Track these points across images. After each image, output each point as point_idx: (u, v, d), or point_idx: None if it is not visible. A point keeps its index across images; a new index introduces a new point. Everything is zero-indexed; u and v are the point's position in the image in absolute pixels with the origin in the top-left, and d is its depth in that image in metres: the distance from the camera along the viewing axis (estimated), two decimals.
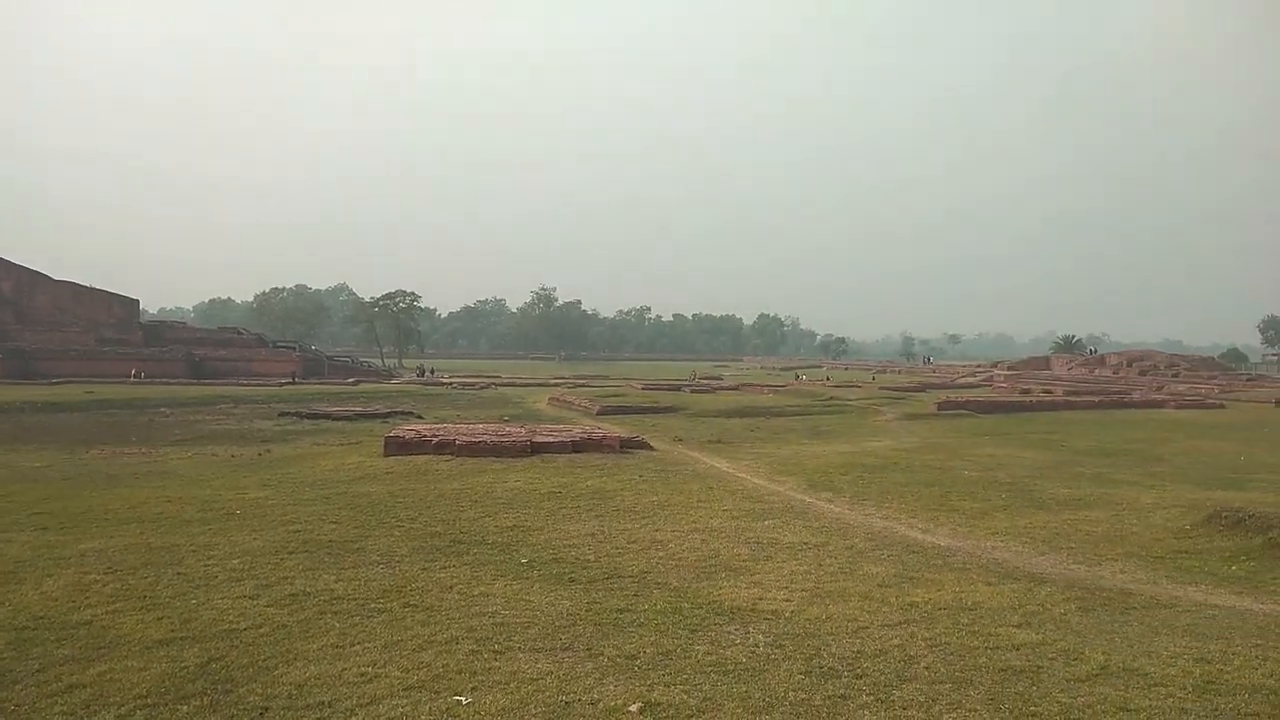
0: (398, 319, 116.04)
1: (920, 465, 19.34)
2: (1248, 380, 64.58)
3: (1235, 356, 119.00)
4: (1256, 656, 6.63)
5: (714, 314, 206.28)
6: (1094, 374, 73.56)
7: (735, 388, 53.44)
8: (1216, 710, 5.50)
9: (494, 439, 19.27)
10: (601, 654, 6.56)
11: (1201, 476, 18.14)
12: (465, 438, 19.33)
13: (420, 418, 30.64)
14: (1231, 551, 10.83)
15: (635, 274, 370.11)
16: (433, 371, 74.23)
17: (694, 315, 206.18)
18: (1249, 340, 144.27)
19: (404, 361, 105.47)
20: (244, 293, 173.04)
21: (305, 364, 66.18)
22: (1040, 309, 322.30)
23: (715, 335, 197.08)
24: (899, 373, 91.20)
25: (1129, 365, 74.82)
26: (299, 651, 6.61)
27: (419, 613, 7.65)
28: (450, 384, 56.10)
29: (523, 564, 9.60)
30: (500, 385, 56.39)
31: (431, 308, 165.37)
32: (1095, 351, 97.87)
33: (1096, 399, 43.26)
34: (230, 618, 7.45)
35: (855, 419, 32.57)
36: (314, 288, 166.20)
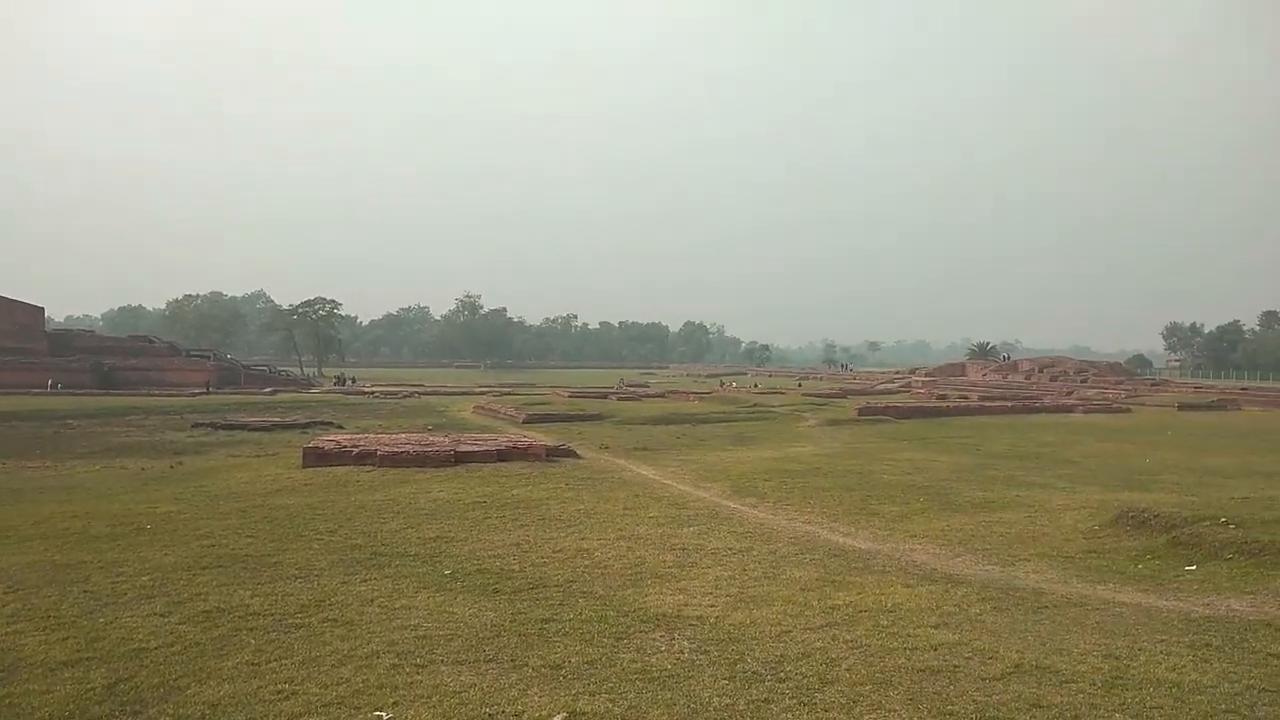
0: (317, 327, 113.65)
1: (842, 470, 19.68)
2: (1152, 385, 67.31)
3: (1140, 362, 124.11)
4: (1161, 651, 6.90)
5: (640, 322, 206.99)
6: (1007, 380, 75.84)
7: (662, 395, 53.70)
8: (1123, 704, 5.71)
9: (417, 449, 19.00)
10: (526, 664, 6.52)
11: (1109, 478, 18.82)
12: (387, 448, 19.03)
13: (341, 428, 30.07)
14: (1137, 550, 11.25)
15: (561, 282, 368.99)
16: (353, 380, 72.94)
17: (620, 323, 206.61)
18: (1154, 346, 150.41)
19: (324, 370, 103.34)
20: (156, 299, 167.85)
21: (220, 373, 64.53)
22: (956, 316, 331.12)
23: (641, 343, 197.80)
24: (820, 379, 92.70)
25: (1040, 371, 77.32)
26: (212, 670, 6.42)
27: (338, 627, 7.49)
28: (372, 393, 55.21)
29: (446, 575, 9.48)
30: (424, 394, 55.71)
31: (353, 315, 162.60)
32: (1008, 358, 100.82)
33: (1010, 404, 44.61)
34: (140, 636, 7.19)
35: (779, 425, 32.99)
36: (229, 294, 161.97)
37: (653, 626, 7.56)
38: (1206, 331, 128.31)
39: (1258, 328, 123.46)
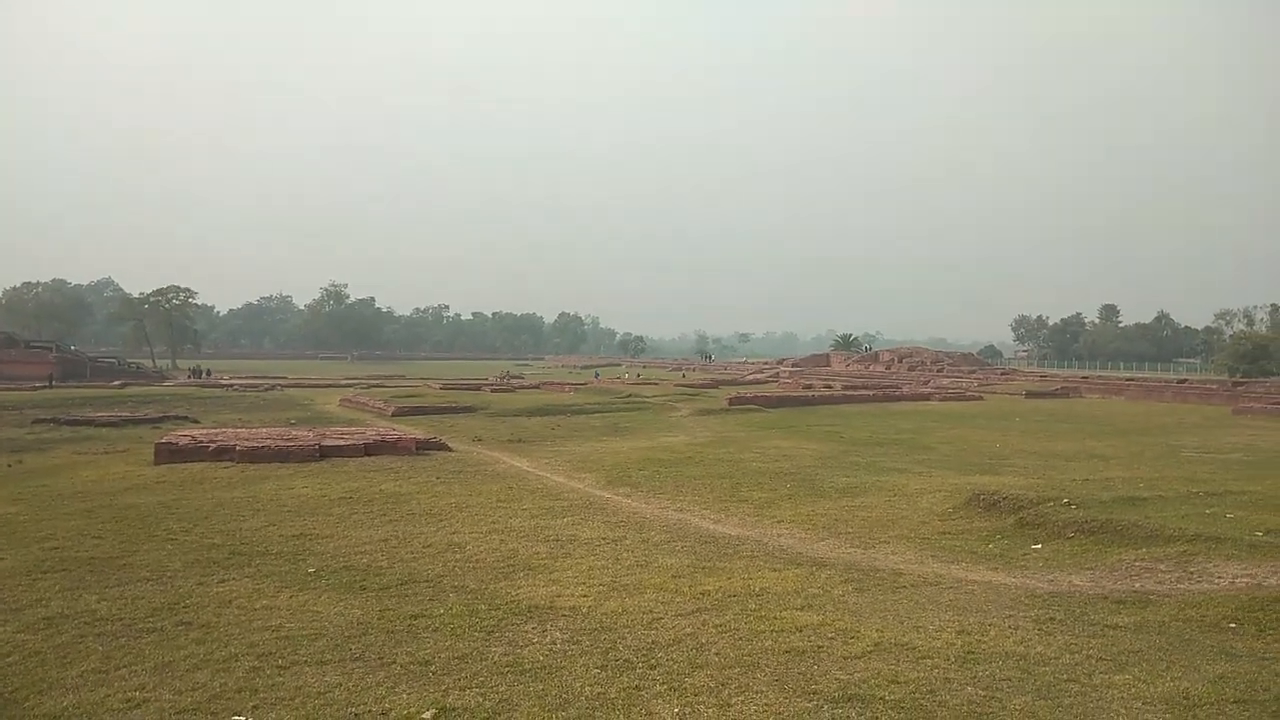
0: (170, 316, 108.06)
1: (713, 459, 20.03)
2: (1002, 374, 71.04)
3: (991, 353, 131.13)
4: (1009, 626, 7.31)
5: (515, 312, 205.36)
6: (869, 370, 78.77)
7: (536, 386, 53.42)
8: (975, 678, 6.02)
9: (279, 443, 18.34)
10: (394, 662, 6.38)
11: (962, 463, 19.78)
12: (247, 442, 18.30)
13: (197, 422, 28.70)
14: (988, 531, 11.88)
15: (432, 271, 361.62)
16: (208, 373, 69.72)
17: (494, 314, 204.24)
18: (1004, 337, 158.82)
19: (178, 363, 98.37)
20: None
21: (64, 366, 60.77)
22: (820, 308, 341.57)
23: (516, 334, 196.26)
24: (693, 370, 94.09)
25: (900, 361, 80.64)
26: (55, 680, 6.03)
27: (194, 630, 7.16)
28: (230, 386, 52.89)
29: (310, 573, 9.19)
30: (287, 387, 53.74)
31: (209, 305, 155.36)
32: (870, 349, 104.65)
33: (871, 393, 46.33)
34: None
35: (653, 415, 33.29)
36: (74, 283, 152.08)
37: (525, 618, 7.53)
38: (1051, 324, 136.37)
39: (1098, 320, 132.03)
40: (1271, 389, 46.40)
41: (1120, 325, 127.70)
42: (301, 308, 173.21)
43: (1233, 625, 7.40)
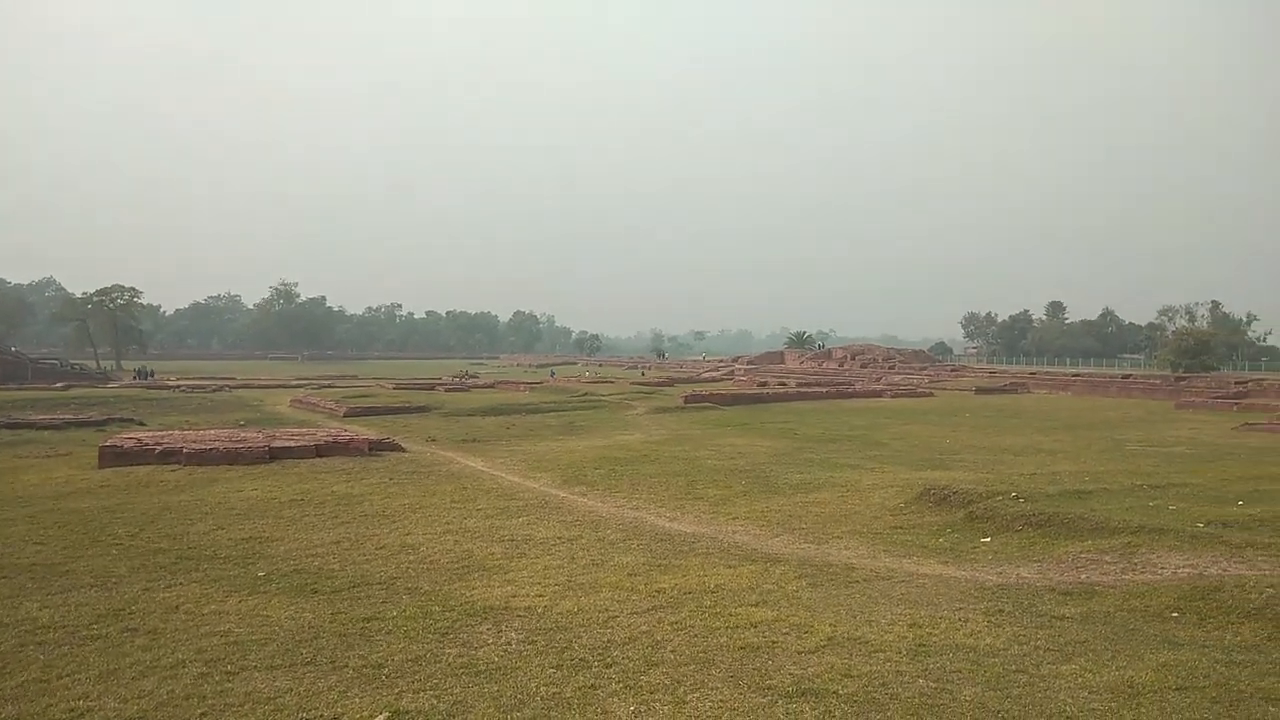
0: (115, 317, 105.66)
1: (668, 457, 20.07)
2: (952, 371, 72.18)
3: (942, 349, 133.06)
4: (959, 619, 7.42)
5: (469, 311, 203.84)
6: (823, 367, 79.50)
7: (491, 385, 53.10)
8: (926, 670, 6.10)
9: (228, 445, 18.04)
10: (346, 665, 6.30)
11: (914, 458, 20.04)
12: (195, 445, 17.98)
13: (143, 424, 28.11)
14: (938, 525, 12.05)
15: (386, 270, 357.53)
16: (152, 374, 68.26)
17: (448, 313, 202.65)
18: (954, 334, 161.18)
19: (123, 364, 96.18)
20: None
21: (3, 367, 59.00)
22: (775, 307, 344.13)
23: (470, 333, 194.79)
24: (650, 369, 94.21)
25: (852, 358, 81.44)
26: None
27: (140, 637, 7.01)
28: (177, 387, 51.85)
29: (260, 577, 9.05)
30: (236, 388, 52.84)
31: (155, 304, 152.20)
32: (823, 346, 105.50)
33: (825, 390, 46.74)
34: None
35: (608, 414, 33.27)
36: (13, 282, 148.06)
37: (479, 619, 7.48)
38: (1000, 320, 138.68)
39: (1045, 317, 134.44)
40: (1212, 384, 47.67)
41: (1067, 322, 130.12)
42: (250, 307, 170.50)
43: (1175, 614, 7.59)
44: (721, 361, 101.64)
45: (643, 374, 77.34)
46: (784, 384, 52.73)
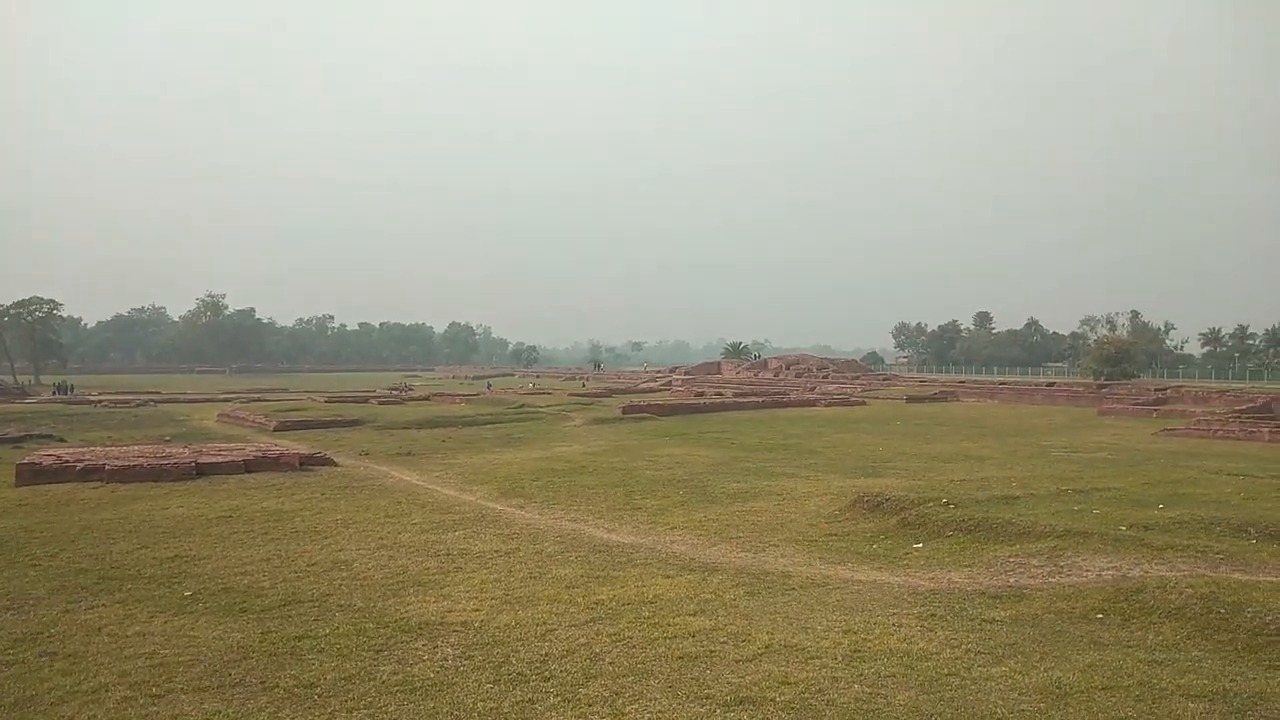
0: (33, 330, 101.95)
1: (606, 467, 20.05)
2: (884, 380, 73.38)
3: (874, 359, 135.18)
4: (893, 624, 7.54)
5: (403, 322, 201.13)
6: (758, 377, 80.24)
7: (426, 398, 52.46)
8: (861, 675, 6.18)
9: (152, 461, 17.53)
10: (277, 686, 6.15)
11: (848, 466, 20.33)
12: (118, 461, 17.44)
13: (63, 441, 27.16)
14: (872, 532, 12.24)
15: (317, 280, 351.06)
16: (72, 389, 65.98)
17: (381, 324, 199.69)
18: (885, 344, 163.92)
19: (42, 378, 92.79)
20: None
21: None
22: (711, 317, 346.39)
23: (405, 344, 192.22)
24: (589, 379, 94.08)
25: (788, 368, 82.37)
26: None
27: (59, 661, 6.75)
28: (99, 402, 50.22)
29: (187, 597, 8.79)
30: (160, 402, 51.37)
31: (76, 317, 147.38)
32: (759, 357, 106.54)
33: (761, 400, 47.19)
34: None
35: (546, 426, 33.13)
36: None
37: (415, 635, 7.37)
38: (930, 330, 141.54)
39: (973, 327, 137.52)
40: (1133, 391, 49.24)
41: (993, 331, 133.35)
42: (176, 319, 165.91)
43: (1100, 615, 7.82)
44: (659, 372, 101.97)
45: (583, 385, 77.23)
46: (721, 394, 53.10)
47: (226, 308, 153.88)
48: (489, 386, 74.17)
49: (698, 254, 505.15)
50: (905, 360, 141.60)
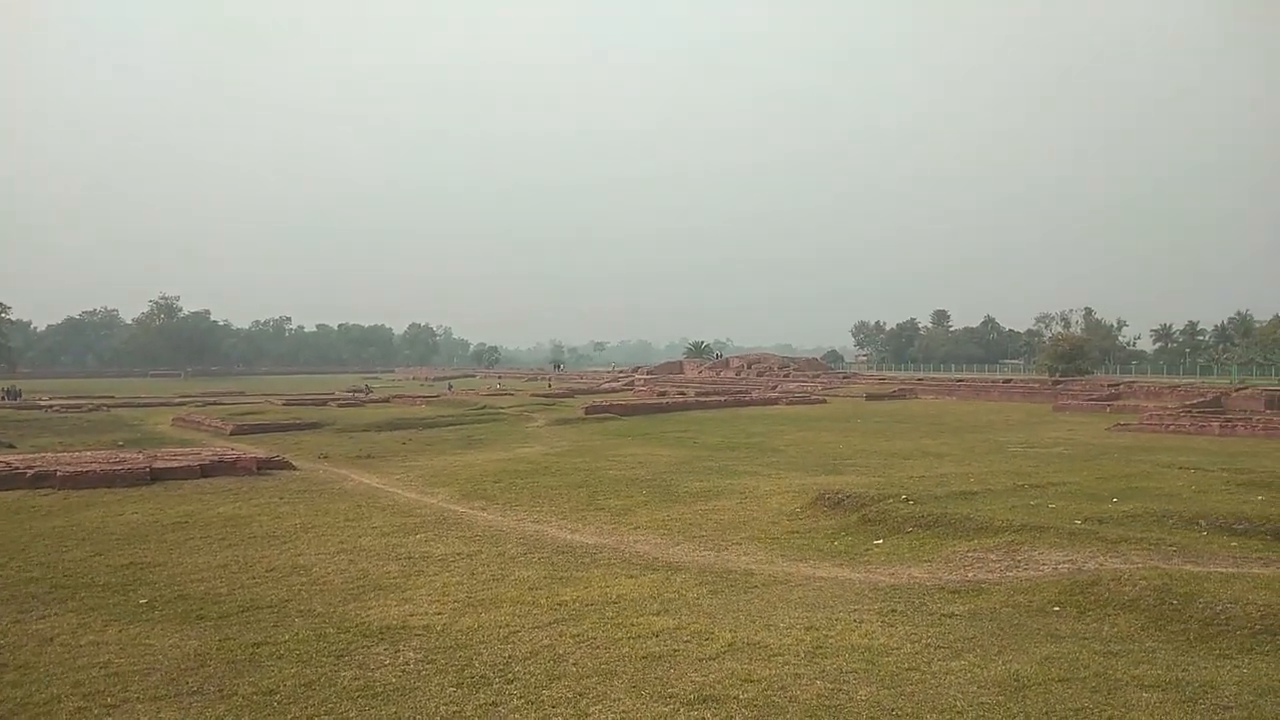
0: None
1: (569, 468, 20.01)
2: (844, 378, 73.98)
3: (834, 357, 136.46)
4: (854, 620, 7.60)
5: (362, 324, 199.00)
6: (720, 376, 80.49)
7: (386, 400, 51.97)
8: (823, 672, 6.23)
9: (105, 467, 17.20)
10: (235, 694, 6.06)
11: (809, 464, 20.47)
12: (70, 467, 17.09)
13: (12, 447, 26.54)
14: (834, 528, 12.34)
15: (273, 282, 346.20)
16: (20, 394, 64.48)
17: (340, 325, 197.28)
18: (845, 342, 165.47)
19: None
20: None
21: None
22: (674, 317, 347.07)
23: (364, 346, 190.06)
24: (552, 380, 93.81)
25: (749, 367, 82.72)
26: None
27: (10, 672, 6.61)
28: (50, 407, 49.13)
29: (142, 604, 8.64)
30: (114, 407, 50.34)
31: (25, 320, 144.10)
32: (721, 356, 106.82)
33: (723, 399, 47.36)
34: None
35: (508, 427, 32.97)
36: None
37: (376, 640, 7.30)
38: (888, 329, 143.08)
39: (930, 325, 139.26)
40: (1087, 387, 50.14)
41: (951, 329, 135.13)
42: (129, 322, 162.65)
43: (1056, 609, 7.95)
44: (622, 372, 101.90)
45: (549, 385, 76.97)
46: (683, 393, 53.20)
47: (181, 310, 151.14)
48: (450, 388, 73.67)
49: (660, 254, 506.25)
50: (865, 358, 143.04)
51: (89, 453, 21.01)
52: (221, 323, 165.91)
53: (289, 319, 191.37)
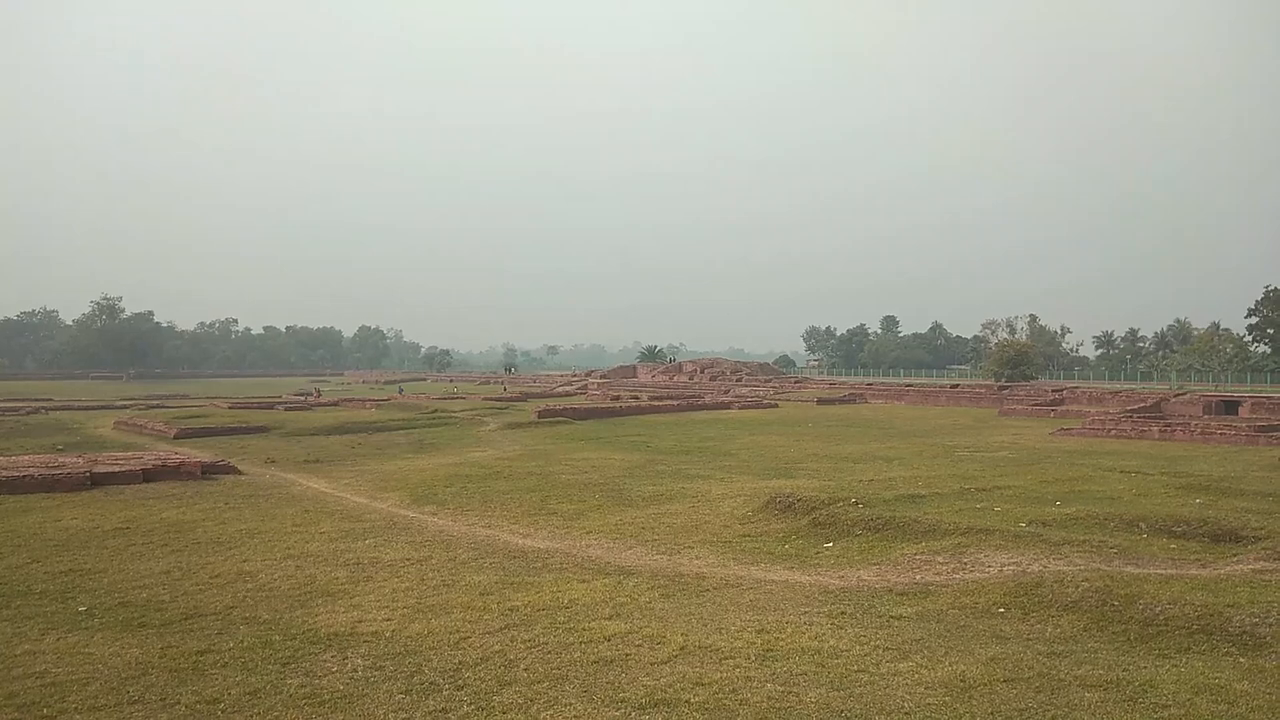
0: None
1: (522, 472, 19.91)
2: (795, 383, 74.55)
3: (785, 362, 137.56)
4: (805, 623, 7.67)
5: (310, 326, 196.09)
6: (674, 380, 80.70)
7: (335, 403, 51.28)
8: (774, 674, 6.27)
9: (43, 471, 16.76)
10: (178, 703, 5.94)
11: (761, 468, 20.60)
12: (5, 472, 16.62)
13: None
14: (785, 532, 12.43)
15: (220, 282, 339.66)
16: None
17: (288, 328, 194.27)
18: (796, 347, 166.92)
19: None
20: None
21: None
22: (627, 321, 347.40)
23: (312, 349, 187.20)
24: (507, 384, 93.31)
25: (702, 372, 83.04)
26: None
27: None
28: None
29: (81, 612, 8.41)
30: (53, 409, 49.06)
31: None
32: (674, 360, 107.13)
33: (676, 403, 47.49)
34: None
35: (460, 430, 32.72)
36: None
37: (324, 647, 7.19)
38: (839, 334, 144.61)
39: (880, 330, 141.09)
40: (1032, 392, 51.05)
41: (900, 335, 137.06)
42: (69, 323, 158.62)
43: (1002, 610, 8.09)
44: (575, 375, 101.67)
45: (503, 389, 76.56)
46: (637, 397, 53.23)
47: (123, 311, 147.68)
48: (401, 391, 72.98)
49: (613, 257, 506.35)
50: (816, 363, 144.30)
51: (26, 457, 20.43)
52: (165, 324, 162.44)
53: (235, 321, 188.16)
